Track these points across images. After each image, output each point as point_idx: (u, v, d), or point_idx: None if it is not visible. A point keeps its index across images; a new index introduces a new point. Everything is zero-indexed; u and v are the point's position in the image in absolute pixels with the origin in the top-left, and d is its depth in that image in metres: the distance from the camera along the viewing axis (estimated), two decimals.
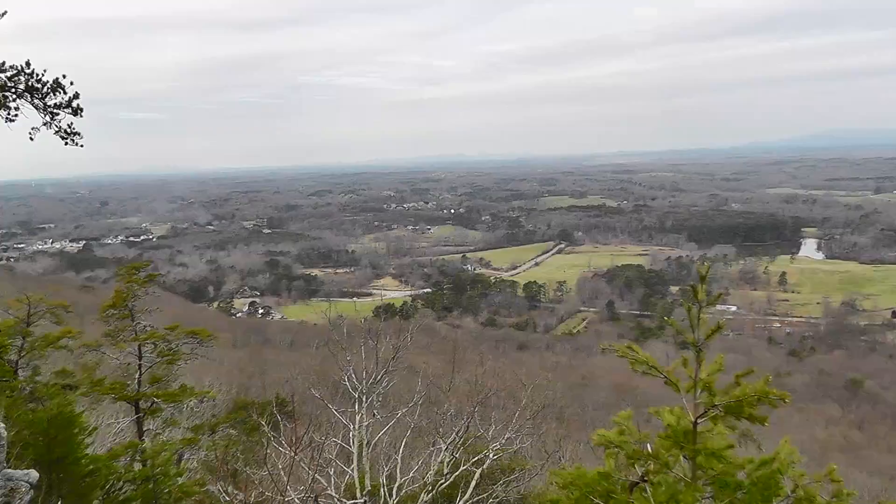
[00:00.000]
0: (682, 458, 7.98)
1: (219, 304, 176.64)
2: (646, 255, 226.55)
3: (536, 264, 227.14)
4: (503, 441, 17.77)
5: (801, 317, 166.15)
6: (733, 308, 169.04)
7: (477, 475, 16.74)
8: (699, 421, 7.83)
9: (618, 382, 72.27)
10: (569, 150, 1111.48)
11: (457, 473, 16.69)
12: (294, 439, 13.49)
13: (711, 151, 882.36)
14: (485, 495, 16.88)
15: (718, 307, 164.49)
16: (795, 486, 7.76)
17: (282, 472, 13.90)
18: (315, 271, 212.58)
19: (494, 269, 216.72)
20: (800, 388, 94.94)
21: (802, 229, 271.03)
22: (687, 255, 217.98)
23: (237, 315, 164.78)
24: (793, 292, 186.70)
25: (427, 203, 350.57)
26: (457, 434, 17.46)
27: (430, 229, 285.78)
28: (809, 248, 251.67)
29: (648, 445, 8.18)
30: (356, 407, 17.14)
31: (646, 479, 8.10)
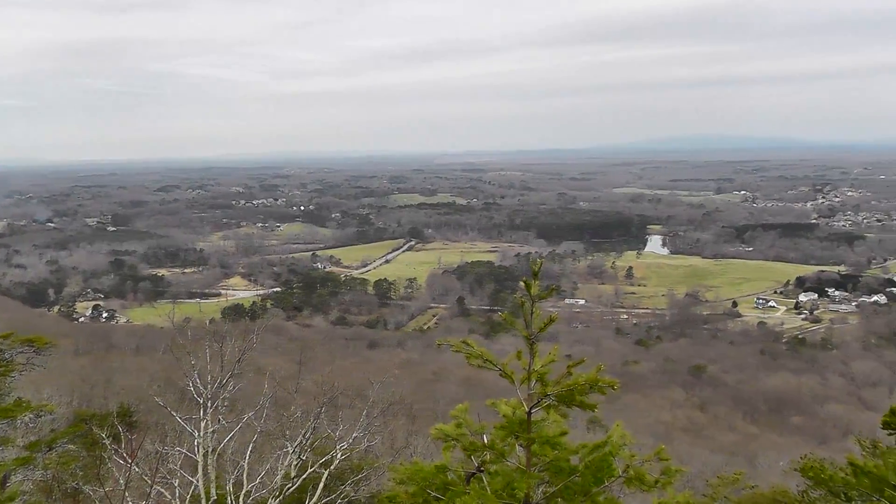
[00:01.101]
0: (517, 447, 8.14)
1: (60, 309, 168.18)
2: (495, 251, 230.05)
3: (387, 262, 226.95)
4: (351, 440, 17.65)
5: (647, 308, 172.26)
6: (582, 302, 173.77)
7: (325, 476, 16.59)
8: (533, 411, 8.01)
9: (468, 376, 73.00)
10: (423, 148, 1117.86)
11: (305, 476, 16.49)
12: (131, 452, 12.95)
13: (562, 152, 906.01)
14: (334, 496, 16.72)
15: (568, 301, 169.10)
16: (627, 467, 8.03)
17: (123, 488, 13.37)
18: (162, 271, 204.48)
19: (345, 266, 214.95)
20: (647, 375, 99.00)
21: (648, 226, 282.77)
22: (536, 252, 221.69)
23: (79, 320, 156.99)
24: (639, 285, 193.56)
25: (277, 200, 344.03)
26: (304, 436, 17.24)
27: (279, 227, 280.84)
28: (655, 244, 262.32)
29: (485, 437, 8.31)
30: (201, 413, 16.63)
31: (482, 469, 8.23)
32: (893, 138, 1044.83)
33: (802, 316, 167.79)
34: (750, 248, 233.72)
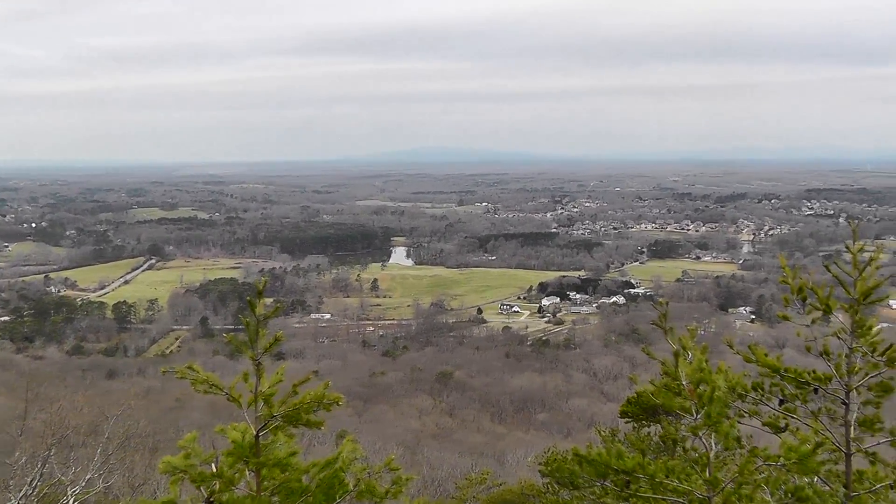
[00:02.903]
0: (248, 472, 7.92)
1: None
2: (239, 267, 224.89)
3: (126, 282, 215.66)
4: (84, 483, 16.51)
5: (393, 319, 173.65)
6: (328, 316, 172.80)
7: None
8: (261, 433, 7.83)
9: (213, 401, 70.59)
10: (162, 159, 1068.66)
11: None
12: None
13: (304, 164, 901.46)
14: None
15: (314, 315, 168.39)
16: (357, 481, 8.01)
17: None
18: None
19: (81, 289, 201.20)
20: (395, 384, 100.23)
21: (392, 238, 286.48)
22: (280, 267, 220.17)
23: None
24: (385, 297, 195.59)
25: (4, 216, 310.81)
26: (30, 484, 15.90)
27: (7, 247, 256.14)
28: (399, 255, 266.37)
29: (214, 465, 8.03)
30: None
31: (212, 500, 7.94)
32: (622, 153, 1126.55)
33: (546, 319, 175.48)
34: (493, 257, 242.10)
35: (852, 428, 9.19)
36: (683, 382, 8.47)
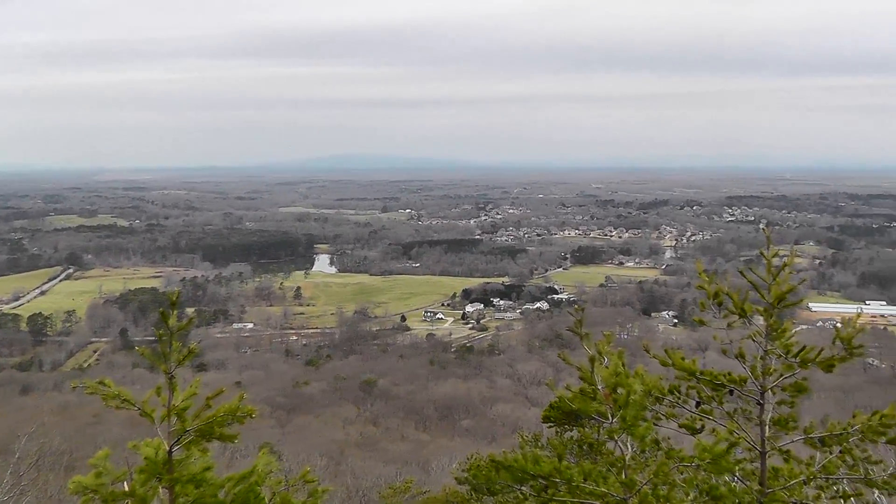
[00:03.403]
0: (161, 489, 7.74)
1: None
2: (160, 276, 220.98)
3: (43, 293, 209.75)
4: None
5: (317, 328, 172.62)
6: (251, 325, 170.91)
7: None
8: (174, 448, 7.65)
9: (131, 416, 69.09)
10: (79, 164, 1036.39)
11: None
12: None
13: (226, 169, 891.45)
14: None
15: (236, 325, 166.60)
16: (273, 494, 7.91)
17: None
18: None
19: None
20: (318, 394, 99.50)
21: (316, 246, 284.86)
22: (202, 276, 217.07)
23: None
24: (308, 305, 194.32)
25: None
26: None
27: None
28: (323, 263, 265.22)
29: (126, 484, 7.82)
30: None
31: None
32: (545, 160, 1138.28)
33: (470, 325, 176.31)
34: (417, 264, 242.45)
35: (767, 427, 9.37)
36: (599, 387, 8.56)
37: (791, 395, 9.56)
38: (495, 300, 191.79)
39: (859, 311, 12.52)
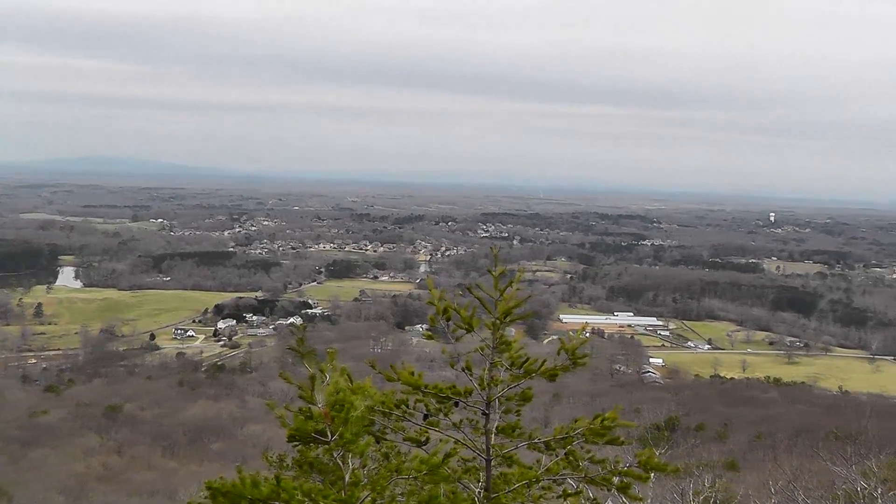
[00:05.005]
0: None
1: None
2: None
3: None
4: None
5: (59, 349, 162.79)
6: None
7: None
8: None
9: None
10: None
11: None
12: None
13: None
14: None
15: None
16: None
17: None
18: None
19: None
20: (58, 424, 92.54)
21: (60, 257, 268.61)
22: None
23: None
24: (50, 324, 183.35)
25: None
26: None
27: None
28: (67, 276, 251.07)
29: None
30: None
31: None
32: (302, 171, 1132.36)
33: (221, 343, 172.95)
34: (168, 278, 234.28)
35: (493, 435, 9.69)
36: (319, 406, 8.57)
37: (517, 404, 10.03)
38: (248, 316, 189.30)
39: (585, 323, 13.31)
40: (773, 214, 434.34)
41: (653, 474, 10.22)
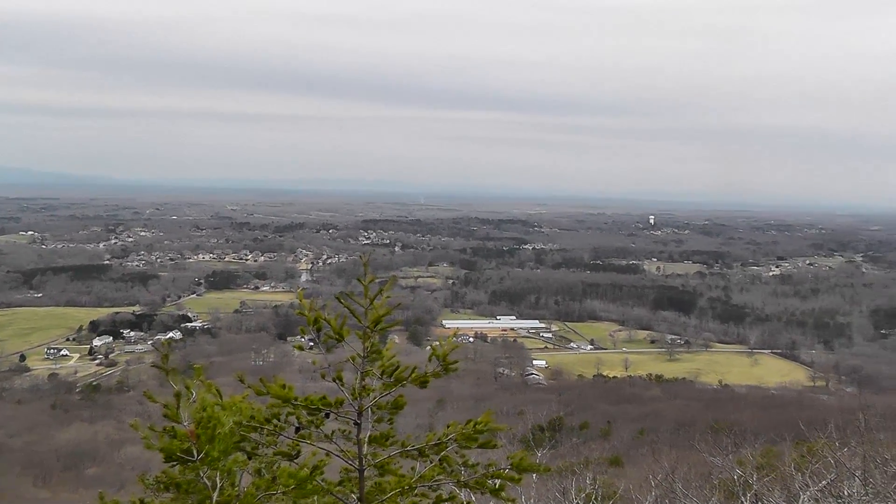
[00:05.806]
0: None
1: None
2: None
3: None
4: None
5: None
6: None
7: None
8: None
9: None
10: None
11: None
12: None
13: None
14: None
15: None
16: None
17: None
18: None
19: None
20: None
21: None
22: None
23: None
24: None
25: None
26: None
27: None
28: None
29: None
30: None
31: None
32: (178, 179, 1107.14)
33: (97, 361, 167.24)
34: (40, 294, 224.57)
35: (365, 445, 9.58)
36: (184, 424, 8.32)
37: (390, 412, 10.02)
38: (125, 332, 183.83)
39: (456, 329, 13.35)
40: (652, 217, 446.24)
41: (534, 475, 10.31)
